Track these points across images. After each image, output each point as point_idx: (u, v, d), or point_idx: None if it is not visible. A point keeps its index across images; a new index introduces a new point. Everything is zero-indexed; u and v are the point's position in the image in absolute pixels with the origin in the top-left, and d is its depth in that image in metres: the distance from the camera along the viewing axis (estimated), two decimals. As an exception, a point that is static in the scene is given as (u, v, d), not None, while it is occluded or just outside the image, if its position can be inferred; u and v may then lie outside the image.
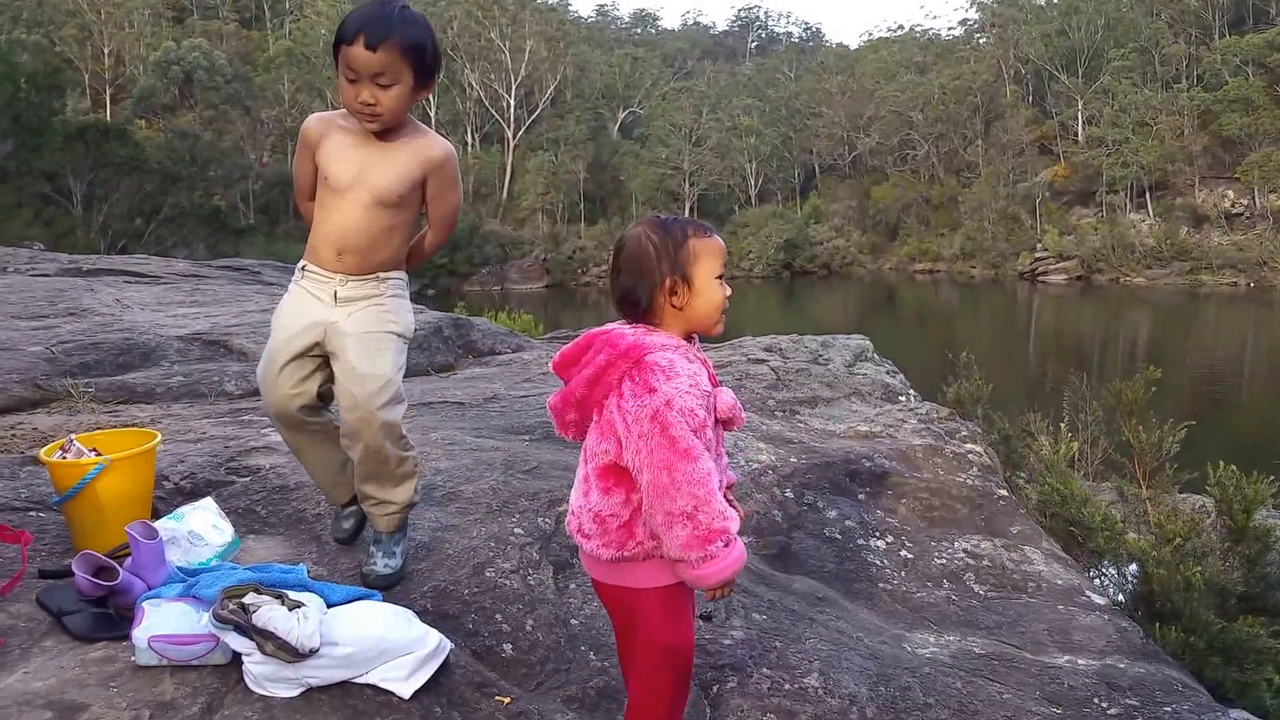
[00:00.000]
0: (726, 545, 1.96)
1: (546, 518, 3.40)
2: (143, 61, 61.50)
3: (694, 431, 1.97)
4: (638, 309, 2.10)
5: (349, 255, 2.69)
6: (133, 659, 2.32)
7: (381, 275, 2.74)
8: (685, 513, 1.93)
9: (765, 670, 2.77)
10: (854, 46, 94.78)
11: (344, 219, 2.68)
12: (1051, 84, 67.13)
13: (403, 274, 2.83)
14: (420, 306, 7.63)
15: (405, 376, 2.83)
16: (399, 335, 2.77)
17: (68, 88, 49.50)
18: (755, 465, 4.30)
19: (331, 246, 2.70)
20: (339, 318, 2.69)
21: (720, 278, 2.10)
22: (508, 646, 2.70)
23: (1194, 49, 62.29)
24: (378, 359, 2.68)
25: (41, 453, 2.97)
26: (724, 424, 2.14)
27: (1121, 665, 3.24)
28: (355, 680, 2.33)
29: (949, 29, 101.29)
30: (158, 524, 2.74)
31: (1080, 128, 64.80)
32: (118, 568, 2.53)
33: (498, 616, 2.79)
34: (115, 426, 4.05)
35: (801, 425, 5.10)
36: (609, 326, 2.14)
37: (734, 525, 1.99)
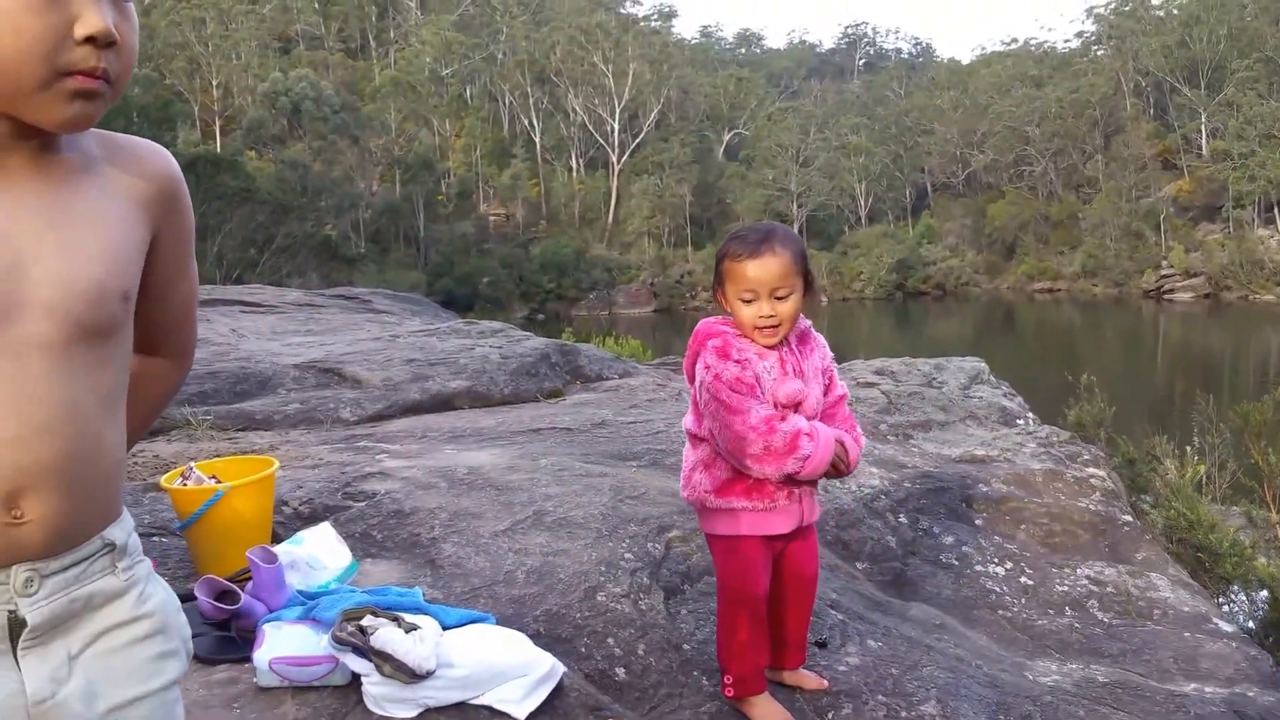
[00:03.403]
0: (812, 438, 2.35)
1: (656, 543, 3.39)
2: (251, 93, 63.07)
3: (743, 394, 2.34)
4: None
5: (39, 499, 1.08)
6: (255, 680, 2.38)
7: (107, 536, 1.18)
8: (761, 450, 2.32)
9: (881, 697, 2.71)
10: (966, 61, 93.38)
11: (4, 405, 1.06)
12: (1173, 96, 65.02)
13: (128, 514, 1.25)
14: (527, 334, 7.74)
15: (512, 403, 2.69)
16: (177, 680, 1.28)
17: (178, 120, 51.18)
18: (868, 490, 4.23)
19: None
20: (45, 685, 1.12)
21: (749, 300, 2.37)
22: (620, 670, 2.69)
23: (1323, 58, 59.71)
24: None
25: (163, 480, 3.07)
26: (792, 408, 2.42)
27: (1251, 694, 3.12)
28: (471, 701, 2.35)
29: (1064, 41, 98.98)
30: (277, 548, 2.82)
31: (1204, 141, 62.59)
32: (239, 591, 2.60)
33: (610, 640, 2.79)
34: (234, 453, 4.19)
35: (915, 449, 5.01)
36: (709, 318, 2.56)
37: (802, 424, 2.35)
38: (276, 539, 3.11)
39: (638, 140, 70.22)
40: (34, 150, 1.09)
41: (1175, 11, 68.46)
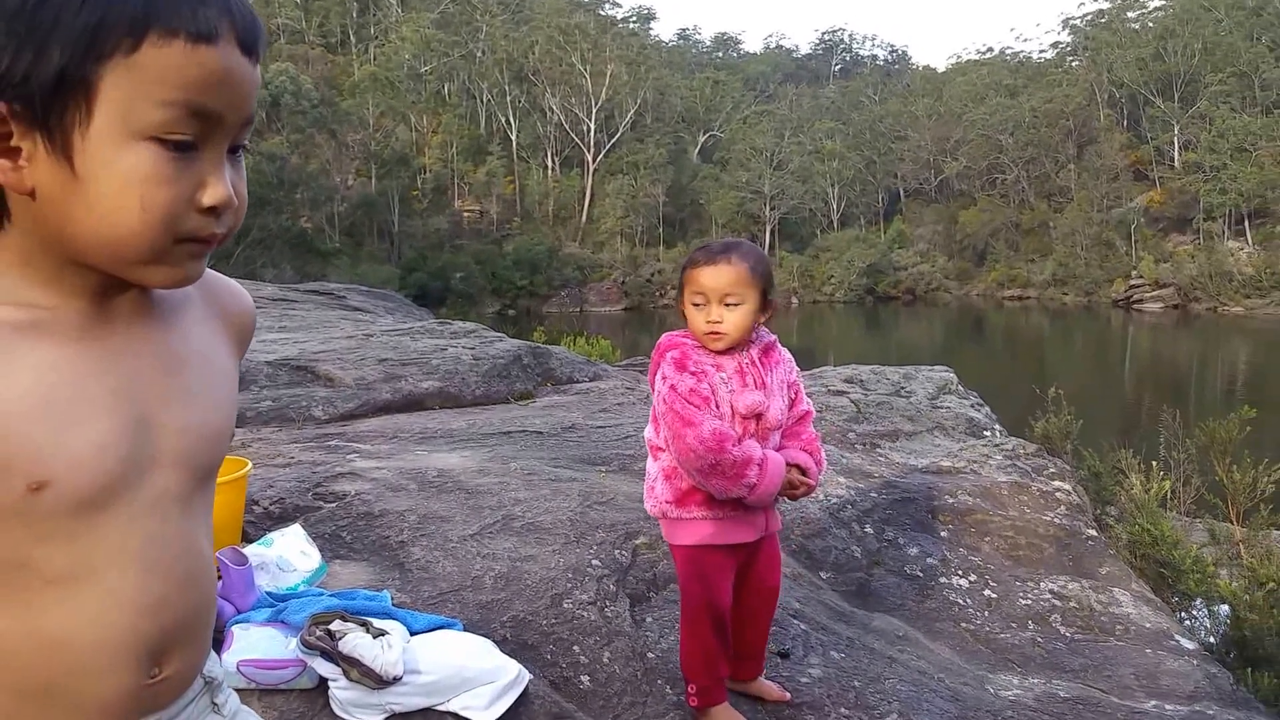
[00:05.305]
0: (761, 468, 2.36)
1: (623, 550, 3.41)
2: (230, 84, 62.94)
3: (697, 406, 2.35)
4: None
5: (176, 655, 1.03)
6: (222, 682, 2.38)
7: (207, 673, 1.13)
8: (708, 466, 2.34)
9: (843, 710, 2.74)
10: (941, 69, 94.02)
11: (149, 565, 0.98)
12: (1146, 108, 65.78)
13: None
14: (500, 335, 7.73)
15: (483, 404, 2.71)
16: None
17: (156, 110, 50.87)
18: (834, 499, 4.27)
19: (124, 660, 0.97)
20: None
21: (699, 305, 2.41)
22: (585, 678, 2.71)
23: (1296, 73, 60.52)
24: None
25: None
26: (753, 419, 2.42)
27: (1210, 712, 3.16)
28: (437, 708, 2.36)
29: (1040, 52, 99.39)
30: (247, 550, 2.82)
31: (1176, 153, 63.35)
32: (209, 592, 2.60)
33: (575, 648, 2.81)
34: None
35: (882, 459, 5.05)
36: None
37: (755, 453, 2.36)
38: (246, 539, 3.10)
39: (613, 140, 70.26)
40: (139, 291, 1.02)
41: (1150, 25, 69.23)
